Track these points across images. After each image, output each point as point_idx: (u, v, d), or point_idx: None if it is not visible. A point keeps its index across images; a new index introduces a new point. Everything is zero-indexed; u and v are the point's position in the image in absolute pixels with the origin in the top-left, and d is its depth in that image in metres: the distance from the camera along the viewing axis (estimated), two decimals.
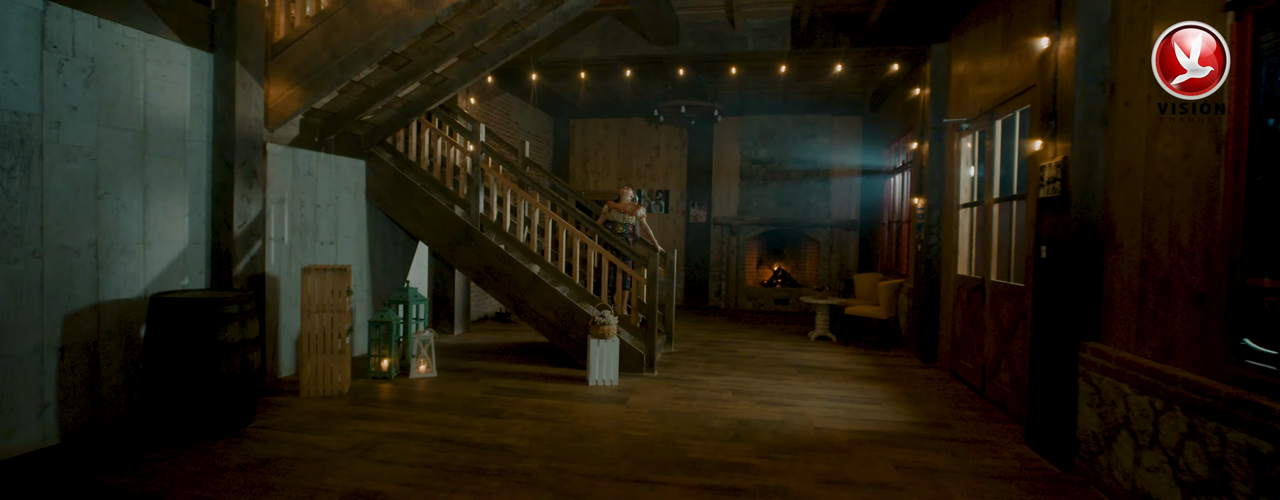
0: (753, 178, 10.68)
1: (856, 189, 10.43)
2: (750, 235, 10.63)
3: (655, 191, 11.20)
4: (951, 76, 6.11)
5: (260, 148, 4.65)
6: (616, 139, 11.36)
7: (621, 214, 6.43)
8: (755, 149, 10.68)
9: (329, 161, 5.61)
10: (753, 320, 9.26)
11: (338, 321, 4.60)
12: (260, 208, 4.66)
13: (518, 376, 5.36)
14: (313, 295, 4.55)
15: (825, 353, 6.73)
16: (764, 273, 11.12)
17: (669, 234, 11.16)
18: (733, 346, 7.01)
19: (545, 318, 5.70)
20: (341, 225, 5.79)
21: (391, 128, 5.96)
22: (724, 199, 10.94)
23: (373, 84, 5.25)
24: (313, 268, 4.56)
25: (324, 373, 4.60)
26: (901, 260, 8.01)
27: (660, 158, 11.20)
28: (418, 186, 6.00)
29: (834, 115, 10.45)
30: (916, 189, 6.75)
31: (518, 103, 9.68)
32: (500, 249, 5.76)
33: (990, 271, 4.95)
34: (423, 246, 7.29)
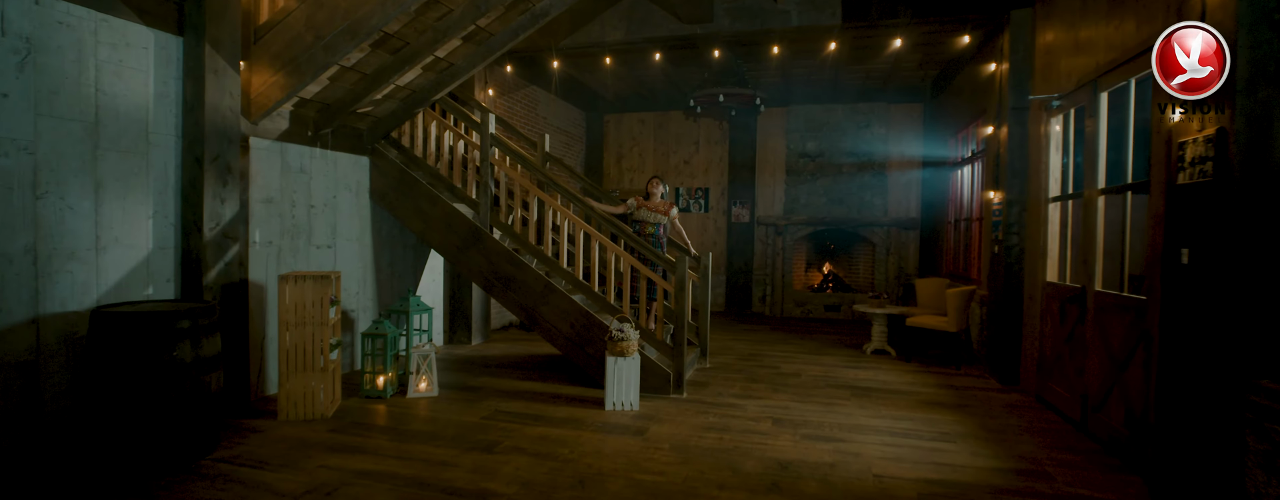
0: (800, 173, 9.80)
1: (916, 184, 9.42)
2: (797, 235, 9.76)
3: (694, 189, 10.46)
4: (1037, 46, 5.15)
5: (237, 141, 4.17)
6: (652, 134, 10.67)
7: (652, 212, 5.73)
8: (802, 142, 9.80)
9: (325, 158, 5.13)
10: (800, 329, 8.40)
11: (320, 335, 4.08)
12: (237, 208, 4.18)
13: (526, 397, 4.73)
14: (292, 306, 4.03)
15: (883, 370, 5.86)
16: (813, 276, 10.22)
17: (709, 235, 10.40)
18: (776, 362, 6.21)
19: (560, 330, 5.06)
20: (341, 227, 5.30)
21: (395, 120, 5.45)
22: (769, 197, 10.10)
23: (368, 70, 4.73)
24: (291, 275, 4.05)
25: (306, 393, 4.08)
26: (971, 263, 7.03)
27: (699, 153, 10.45)
28: (423, 184, 5.46)
29: (890, 103, 9.47)
30: (991, 181, 5.79)
31: (545, 96, 9.12)
32: (511, 253, 5.16)
33: (1093, 279, 4.02)
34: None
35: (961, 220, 7.54)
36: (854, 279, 10.01)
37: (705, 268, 5.89)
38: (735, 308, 10.07)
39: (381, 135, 5.55)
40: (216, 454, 3.47)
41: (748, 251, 10.04)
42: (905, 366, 6.05)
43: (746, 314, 9.87)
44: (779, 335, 7.84)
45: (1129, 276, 3.70)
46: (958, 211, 7.79)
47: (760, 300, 10.06)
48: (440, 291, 6.79)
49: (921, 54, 7.49)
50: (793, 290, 9.77)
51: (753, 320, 9.21)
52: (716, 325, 8.55)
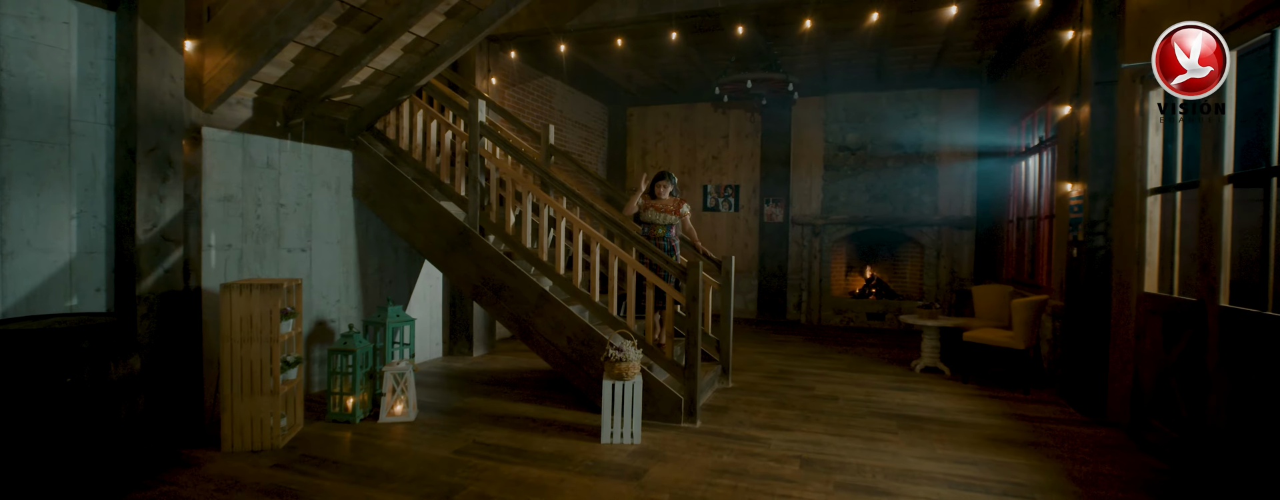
0: (839, 168, 8.94)
1: (971, 178, 8.44)
2: (837, 236, 8.90)
3: (723, 187, 9.70)
4: (1129, 5, 4.25)
5: (180, 130, 3.66)
6: (678, 127, 9.96)
7: (660, 213, 5.03)
8: (842, 134, 8.93)
9: (298, 151, 4.61)
10: (840, 340, 7.56)
11: (269, 352, 3.53)
12: (181, 206, 3.67)
13: (514, 424, 4.10)
14: (237, 319, 3.49)
15: (937, 394, 5.02)
16: (854, 281, 9.33)
17: (739, 235, 9.63)
18: (810, 381, 5.43)
19: (555, 346, 4.41)
20: (317, 228, 4.78)
21: (378, 110, 4.90)
22: (805, 194, 9.27)
23: (338, 51, 4.18)
24: (237, 283, 3.51)
25: (254, 420, 3.53)
26: (1039, 268, 6.09)
27: (729, 148, 9.69)
28: (408, 180, 4.90)
29: (941, 89, 8.52)
30: (1067, 172, 4.89)
31: (561, 88, 8.52)
32: (503, 257, 4.55)
33: (1216, 291, 3.14)
34: None
35: (1026, 218, 6.59)
36: (900, 284, 9.08)
37: (727, 273, 5.16)
38: (768, 315, 9.27)
39: (365, 126, 5.01)
40: (138, 495, 2.94)
41: (781, 254, 9.23)
42: (962, 389, 5.18)
43: (780, 322, 9.06)
44: (815, 347, 7.02)
45: (1276, 289, 2.82)
46: (1021, 208, 6.84)
47: (795, 307, 9.23)
48: (439, 298, 6.24)
49: (978, 29, 6.58)
50: (831, 296, 8.90)
51: (787, 329, 8.40)
52: (746, 335, 7.78)
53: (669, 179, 5.12)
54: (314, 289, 4.76)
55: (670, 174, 5.14)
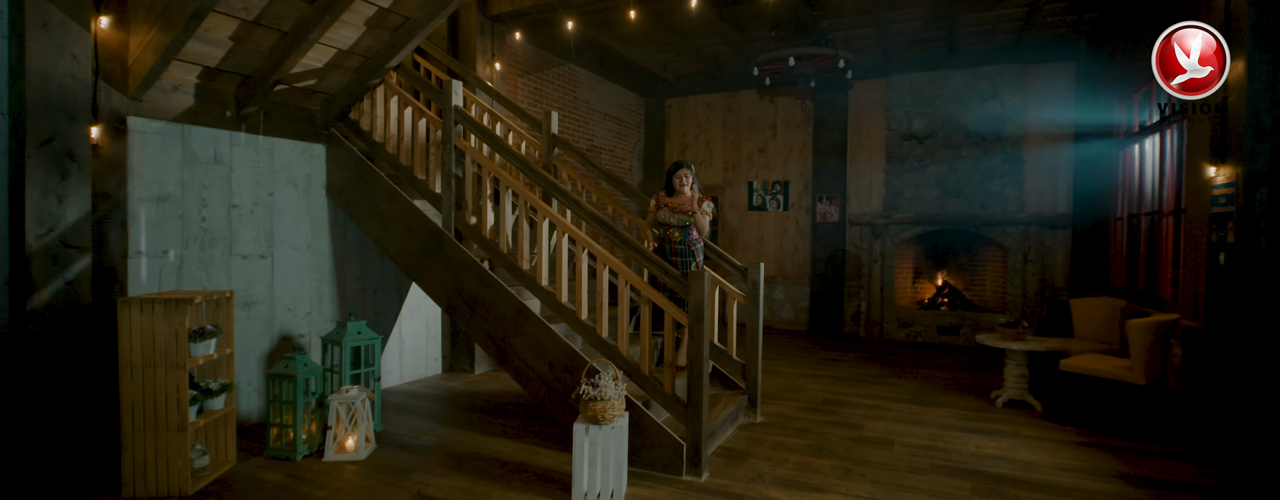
0: (904, 159, 7.78)
1: (1065, 167, 7.11)
2: (901, 238, 7.74)
3: (771, 183, 8.72)
4: None
5: (85, 119, 3.15)
6: (721, 119, 9.05)
7: (674, 212, 4.19)
8: (907, 120, 7.77)
9: (255, 145, 4.07)
10: (903, 360, 6.45)
11: (173, 381, 2.94)
12: (87, 207, 3.16)
13: (477, 469, 3.37)
14: (138, 340, 2.93)
15: (1025, 440, 3.93)
16: (922, 289, 8.13)
17: (789, 237, 8.61)
18: (860, 415, 4.44)
19: (535, 372, 3.66)
20: (281, 231, 4.23)
21: (349, 97, 4.31)
22: (863, 189, 8.16)
23: (284, 25, 3.59)
24: (137, 298, 2.95)
25: (158, 460, 2.96)
26: (1160, 278, 4.83)
27: (777, 140, 8.70)
28: (381, 177, 4.28)
29: (1026, 63, 7.23)
30: (1212, 151, 3.69)
31: (587, 77, 7.81)
32: (479, 266, 3.84)
33: None
34: None
35: (1142, 214, 5.31)
36: (978, 293, 7.81)
37: (754, 283, 4.26)
38: (821, 327, 8.21)
39: (336, 116, 4.43)
40: None
41: (837, 258, 8.16)
42: (1058, 433, 4.06)
43: (836, 336, 7.98)
44: (872, 369, 5.96)
45: None
46: (1134, 201, 5.54)
47: (853, 319, 8.13)
48: (439, 310, 5.63)
49: None
50: (895, 306, 7.75)
51: (842, 345, 7.33)
52: (791, 352, 6.79)
53: (687, 169, 4.26)
54: (277, 301, 4.22)
55: (686, 163, 4.29)
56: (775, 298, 8.66)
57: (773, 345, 7.16)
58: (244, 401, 4.01)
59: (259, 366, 4.11)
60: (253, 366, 4.07)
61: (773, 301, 8.67)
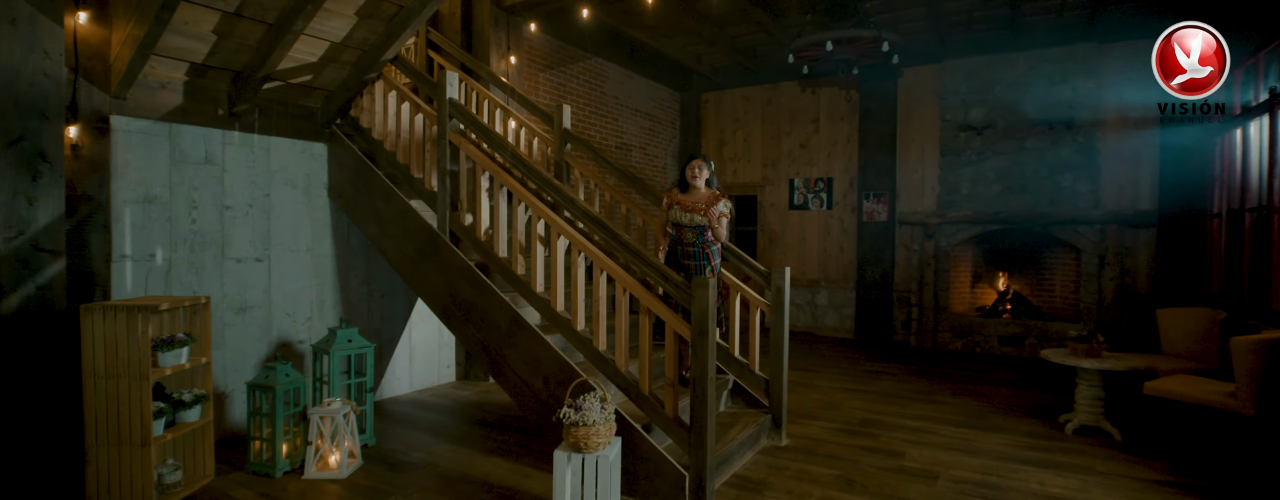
0: (961, 153, 7.10)
1: (1149, 156, 6.29)
2: (958, 238, 7.06)
3: (813, 180, 8.17)
4: None
5: (58, 118, 3.02)
6: (760, 112, 8.56)
7: (687, 212, 3.79)
8: (964, 109, 7.08)
9: (250, 144, 3.92)
10: (958, 374, 5.82)
11: (138, 392, 2.77)
12: (59, 210, 3.03)
13: (463, 495, 3.08)
14: (101, 349, 2.78)
15: (1099, 478, 3.33)
16: (982, 295, 7.41)
17: (833, 238, 8.04)
18: (902, 441, 3.92)
19: (530, 387, 3.34)
20: (278, 233, 4.07)
21: (348, 92, 4.12)
22: (915, 186, 7.51)
23: (269, 17, 3.40)
24: (98, 305, 2.79)
25: (123, 475, 2.80)
26: (1274, 286, 4.09)
27: (819, 134, 8.14)
28: (380, 176, 4.07)
29: (1101, 42, 6.44)
30: None
31: (616, 72, 7.48)
32: (474, 270, 3.55)
33: None
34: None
35: (1247, 210, 4.55)
36: (1046, 300, 7.04)
37: (778, 289, 3.81)
38: (869, 335, 7.61)
39: (336, 113, 4.25)
40: None
41: (885, 260, 7.54)
42: (1141, 470, 3.44)
43: (886, 346, 7.37)
44: (920, 384, 5.38)
45: None
46: (1236, 195, 4.78)
47: (903, 326, 7.49)
48: None
49: None
50: (950, 314, 7.08)
51: (891, 355, 6.73)
52: (832, 362, 6.26)
53: (701, 161, 3.87)
54: (275, 305, 4.06)
55: (702, 155, 3.89)
56: (819, 303, 8.10)
57: (814, 355, 6.64)
58: (238, 412, 3.86)
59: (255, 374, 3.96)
60: (248, 374, 3.91)
61: (816, 307, 8.11)
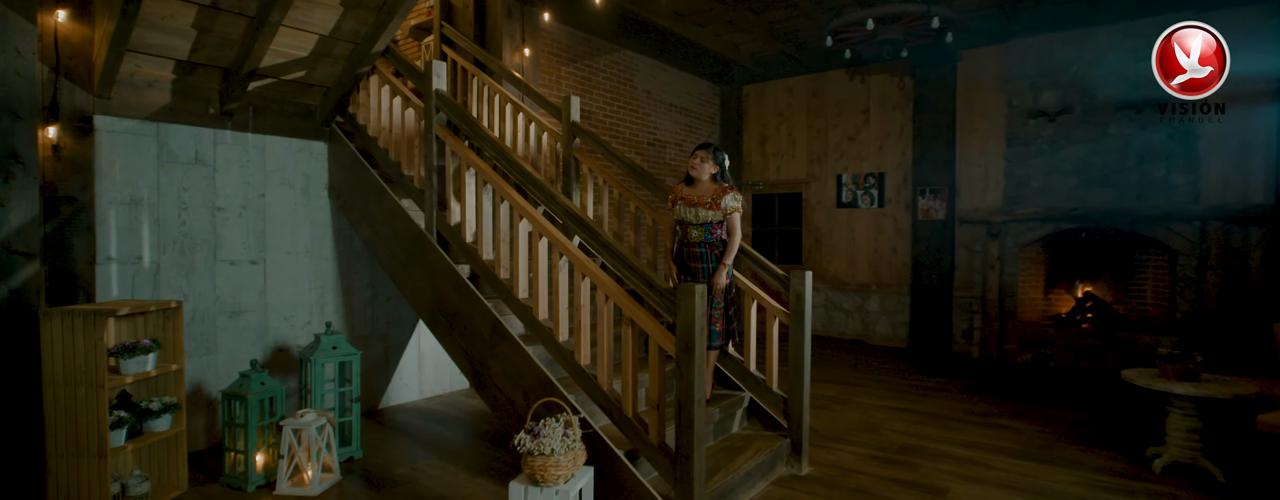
0: (1030, 142, 6.33)
1: (1265, 140, 5.37)
2: (1027, 238, 6.30)
3: (862, 176, 7.54)
4: None
5: (31, 118, 2.96)
6: (804, 104, 8.00)
7: (691, 207, 3.39)
8: (1033, 93, 6.32)
9: (243, 143, 3.81)
10: (1023, 392, 5.13)
11: (93, 401, 2.64)
12: (34, 211, 2.96)
13: None
14: (59, 355, 2.67)
15: None
16: (1057, 301, 6.59)
17: (885, 238, 7.39)
18: (946, 474, 3.38)
19: (512, 403, 3.04)
20: (274, 235, 3.95)
21: (342, 88, 3.96)
22: (977, 180, 6.78)
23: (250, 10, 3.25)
24: (57, 310, 2.68)
25: (81, 487, 2.68)
26: None
27: (870, 125, 7.51)
28: (373, 174, 3.89)
29: (1202, 9, 5.54)
30: None
31: (647, 64, 7.13)
32: (458, 275, 3.29)
33: None
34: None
35: None
36: (1134, 308, 6.17)
37: (798, 295, 3.35)
38: (924, 345, 6.93)
39: (335, 110, 4.11)
40: None
41: (943, 262, 6.85)
42: None
43: (942, 356, 6.68)
44: (978, 404, 4.75)
45: None
46: None
47: (964, 335, 6.77)
48: None
49: None
50: (1018, 322, 6.32)
51: (947, 368, 6.06)
52: (879, 375, 5.68)
53: (706, 151, 3.44)
54: (271, 309, 3.94)
55: (710, 144, 3.47)
56: (869, 309, 7.47)
57: (859, 366, 6.06)
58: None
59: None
60: None
61: (866, 313, 7.48)
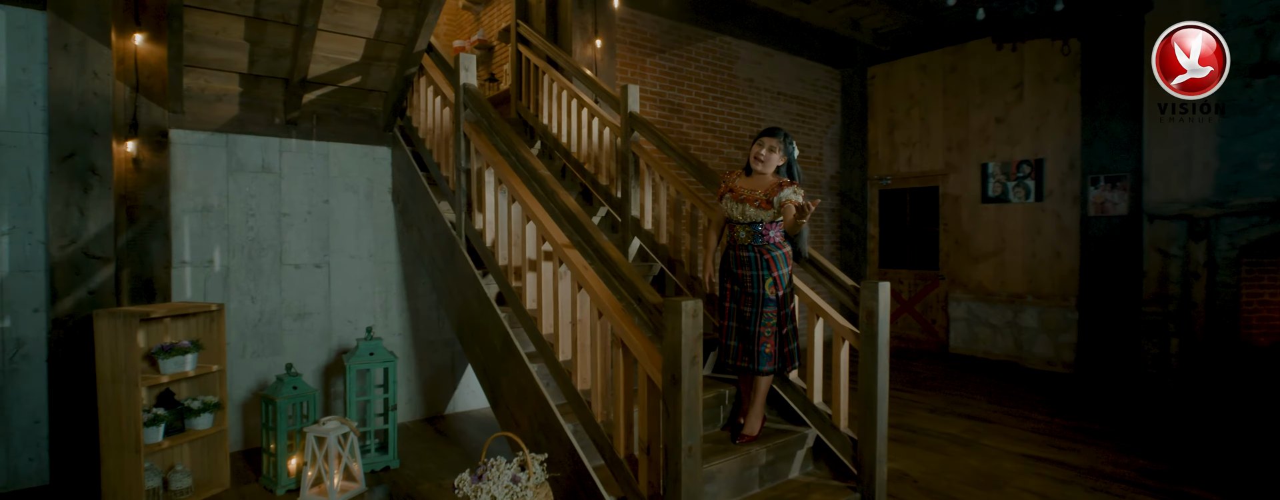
0: (1255, 110, 4.77)
1: None
2: (1249, 237, 4.75)
3: (1013, 165, 6.28)
4: None
5: (105, 134, 3.21)
6: (940, 83, 6.87)
7: (740, 204, 2.84)
8: (1257, 42, 4.74)
9: (308, 150, 3.95)
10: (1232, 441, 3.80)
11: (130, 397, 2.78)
12: (109, 219, 3.22)
13: None
14: (107, 353, 2.85)
15: None
16: None
17: (1044, 240, 6.08)
18: None
19: (517, 425, 2.74)
20: (338, 239, 4.05)
21: (396, 91, 3.96)
22: (1174, 163, 5.28)
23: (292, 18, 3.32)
24: (107, 311, 2.86)
25: (124, 478, 2.83)
26: None
27: (1023, 103, 6.23)
28: (420, 177, 3.83)
29: None
30: None
31: (749, 50, 6.54)
32: (478, 282, 3.08)
33: None
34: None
35: None
36: None
37: (870, 310, 2.66)
38: (1098, 370, 5.55)
39: (394, 114, 4.13)
40: None
41: (1127, 269, 5.43)
42: None
43: (1124, 386, 5.29)
44: (1159, 464, 3.57)
45: None
46: None
47: (1156, 361, 5.30)
48: None
49: None
50: (1235, 345, 4.78)
51: (1125, 404, 4.74)
52: (1022, 411, 4.58)
53: (773, 138, 2.84)
54: (335, 312, 4.04)
55: (778, 130, 2.88)
56: (1023, 325, 6.17)
57: (1000, 395, 4.97)
58: None
59: (316, 381, 3.97)
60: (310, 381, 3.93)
61: (1019, 330, 6.20)
